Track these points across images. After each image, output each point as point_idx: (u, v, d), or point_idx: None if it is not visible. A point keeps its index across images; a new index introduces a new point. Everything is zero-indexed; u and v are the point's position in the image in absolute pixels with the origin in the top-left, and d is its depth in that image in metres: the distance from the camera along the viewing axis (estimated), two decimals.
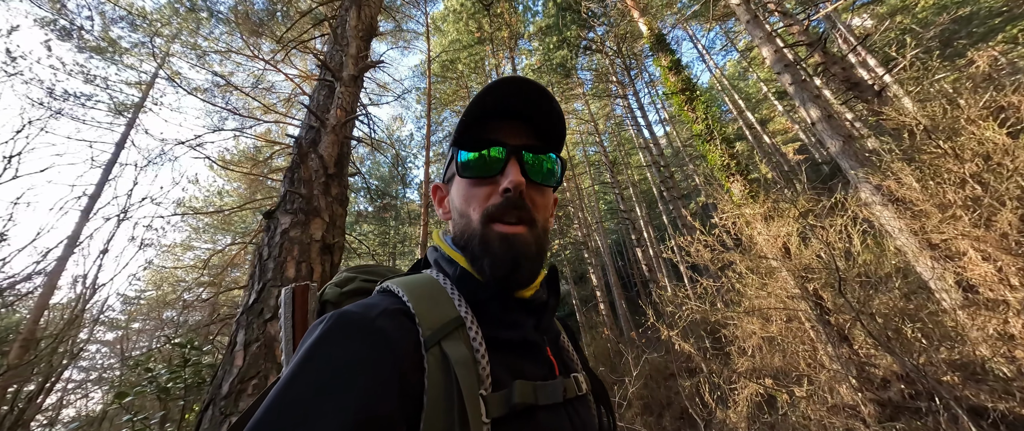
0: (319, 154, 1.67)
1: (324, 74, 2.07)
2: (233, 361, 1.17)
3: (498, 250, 0.43)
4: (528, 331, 0.45)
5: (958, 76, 4.88)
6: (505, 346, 0.42)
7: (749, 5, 6.35)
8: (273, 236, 1.47)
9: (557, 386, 0.42)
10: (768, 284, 4.03)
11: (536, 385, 0.40)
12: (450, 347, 0.37)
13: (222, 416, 1.07)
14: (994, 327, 3.15)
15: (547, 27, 11.72)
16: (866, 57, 10.58)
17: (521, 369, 0.41)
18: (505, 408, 0.36)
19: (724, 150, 4.61)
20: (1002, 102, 3.47)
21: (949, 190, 3.56)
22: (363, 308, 0.38)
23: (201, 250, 15.54)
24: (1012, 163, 3.27)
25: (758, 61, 14.83)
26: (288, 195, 1.55)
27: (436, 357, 0.36)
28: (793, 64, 5.76)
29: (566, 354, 0.52)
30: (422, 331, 0.37)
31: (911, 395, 2.66)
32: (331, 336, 0.34)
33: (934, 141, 3.72)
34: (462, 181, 0.48)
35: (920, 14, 12.94)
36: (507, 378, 0.39)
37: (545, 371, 0.45)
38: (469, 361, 0.36)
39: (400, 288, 0.42)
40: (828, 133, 4.99)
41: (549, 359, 0.46)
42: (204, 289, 10.84)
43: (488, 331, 0.41)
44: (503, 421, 0.36)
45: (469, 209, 0.47)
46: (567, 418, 0.42)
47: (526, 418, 0.38)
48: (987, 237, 3.29)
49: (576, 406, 0.45)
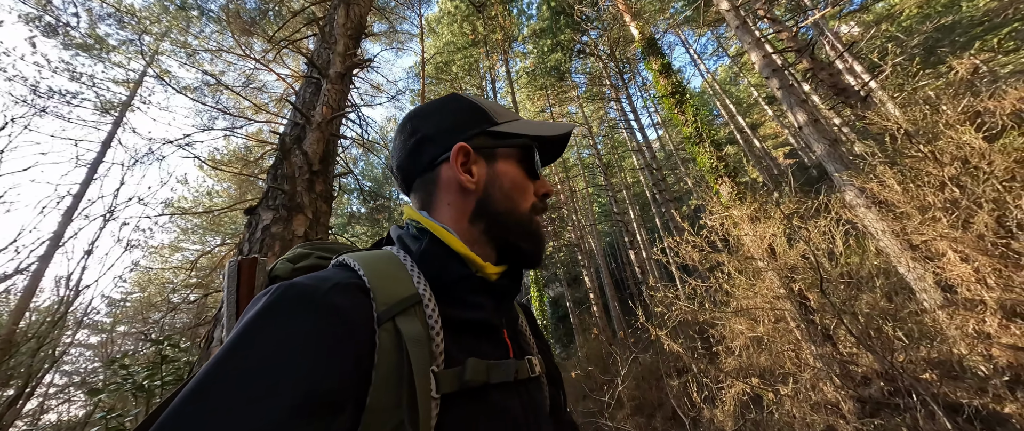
0: (303, 151, 1.67)
1: (311, 72, 2.07)
2: (210, 356, 1.15)
3: (539, 239, 0.52)
4: (488, 312, 0.46)
5: (940, 82, 5.01)
6: (462, 326, 0.42)
7: (738, 11, 6.46)
8: (254, 232, 1.46)
9: (510, 366, 0.43)
10: (755, 285, 4.09)
11: (489, 364, 0.40)
12: (404, 323, 0.36)
13: None
14: (972, 326, 3.23)
15: (541, 30, 11.80)
16: (853, 63, 10.80)
17: (476, 349, 0.42)
18: (457, 384, 0.37)
19: (713, 153, 4.68)
20: (979, 107, 3.57)
21: (929, 193, 3.65)
22: (314, 280, 0.36)
23: (190, 251, 15.29)
24: (988, 167, 3.37)
25: (748, 66, 15.07)
26: (271, 191, 1.54)
27: (389, 333, 0.35)
28: (781, 69, 5.87)
29: (522, 337, 0.53)
30: (376, 306, 0.36)
31: (890, 392, 2.71)
32: (276, 308, 0.33)
33: (915, 145, 3.81)
34: (518, 169, 0.54)
35: (905, 22, 13.25)
36: (461, 357, 0.39)
37: (500, 352, 0.45)
38: (423, 338, 0.36)
39: (357, 262, 0.41)
40: (814, 137, 5.08)
41: (505, 341, 0.47)
42: (192, 291, 10.65)
43: (446, 310, 0.41)
44: (454, 398, 0.36)
45: (519, 195, 0.52)
46: (518, 398, 0.43)
47: (477, 396, 0.39)
48: (965, 238, 3.37)
49: (528, 387, 0.46)
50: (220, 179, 15.03)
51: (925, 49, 11.82)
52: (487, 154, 0.52)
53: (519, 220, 0.50)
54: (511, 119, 0.55)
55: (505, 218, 0.50)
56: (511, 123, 0.54)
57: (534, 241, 0.51)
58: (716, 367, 4.01)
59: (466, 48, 12.61)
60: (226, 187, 16.20)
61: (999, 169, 3.31)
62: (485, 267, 0.47)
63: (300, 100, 1.98)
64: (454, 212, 0.50)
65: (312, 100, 1.99)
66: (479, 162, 0.51)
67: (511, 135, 0.53)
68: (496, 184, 0.51)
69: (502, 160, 0.52)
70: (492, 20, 11.39)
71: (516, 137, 0.53)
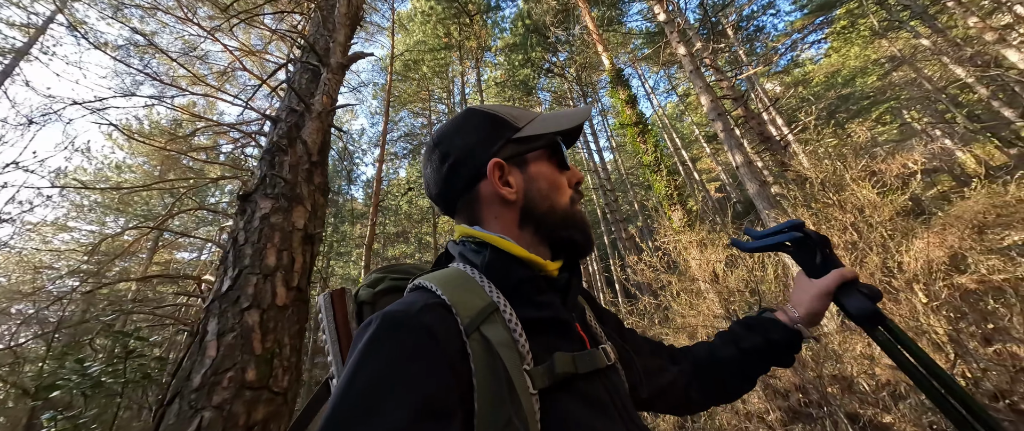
0: (304, 140, 1.56)
1: (307, 57, 1.94)
2: (205, 352, 1.03)
3: (585, 226, 0.55)
4: (558, 309, 0.48)
5: (840, 142, 6.03)
6: (538, 326, 0.44)
7: (693, 57, 7.23)
8: (251, 221, 1.32)
9: (594, 355, 0.46)
10: (697, 304, 4.53)
11: (574, 355, 0.43)
12: (489, 331, 0.40)
13: (192, 410, 0.93)
14: (860, 348, 3.90)
15: (514, 45, 12.11)
16: (776, 117, 12.52)
17: (556, 345, 0.44)
18: (549, 379, 0.39)
19: (669, 181, 5.14)
20: (874, 167, 4.39)
21: (835, 234, 4.36)
22: (404, 306, 0.40)
23: (82, 233, 12.94)
24: (877, 217, 4.12)
25: (693, 106, 16.71)
26: (268, 178, 1.41)
27: (478, 342, 0.39)
28: (725, 114, 6.65)
29: (592, 329, 0.57)
30: (461, 320, 0.40)
31: (805, 403, 3.17)
32: (381, 336, 0.37)
33: (826, 193, 4.55)
34: (551, 167, 0.56)
35: (815, 88, 15.70)
36: (544, 354, 0.42)
37: (578, 346, 0.48)
38: (509, 342, 0.40)
39: (432, 283, 0.44)
40: (748, 177, 5.81)
41: (580, 335, 0.50)
42: (81, 279, 9.08)
43: (521, 313, 0.43)
44: (547, 393, 0.39)
45: (556, 193, 0.54)
46: (602, 386, 0.45)
47: (567, 388, 0.41)
48: (860, 275, 4.07)
49: (608, 374, 0.48)
50: (135, 152, 13.06)
51: (829, 112, 14.10)
52: (519, 162, 0.54)
53: (563, 215, 0.53)
54: (530, 119, 0.57)
55: (550, 217, 0.52)
56: (531, 124, 0.56)
57: (581, 229, 0.54)
58: None
59: (438, 50, 12.48)
60: (140, 162, 14.08)
61: (886, 219, 4.06)
62: (546, 265, 0.50)
63: (297, 85, 1.85)
64: (503, 223, 0.52)
65: (309, 87, 1.86)
66: (514, 171, 0.53)
67: (536, 136, 0.55)
68: (534, 188, 0.53)
69: (533, 163, 0.54)
70: (468, 27, 11.45)
71: (541, 137, 0.55)
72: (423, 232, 16.04)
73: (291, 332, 1.20)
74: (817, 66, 15.75)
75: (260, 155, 1.56)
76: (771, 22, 32.20)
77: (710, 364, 0.65)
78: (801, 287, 0.66)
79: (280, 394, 1.10)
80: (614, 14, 12.15)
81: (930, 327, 3.28)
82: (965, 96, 11.51)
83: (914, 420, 2.68)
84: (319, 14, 2.12)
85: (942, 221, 4.30)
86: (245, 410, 0.99)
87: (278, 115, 1.66)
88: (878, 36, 12.49)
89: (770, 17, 18.90)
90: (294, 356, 1.20)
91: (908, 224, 4.00)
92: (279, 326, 1.19)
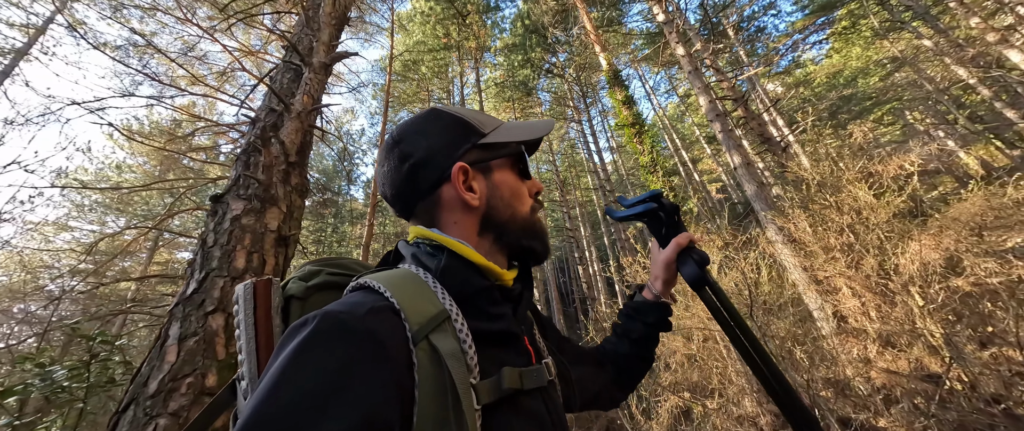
0: (281, 140, 1.54)
1: (290, 56, 1.93)
2: (164, 356, 1.01)
3: (543, 235, 0.55)
4: (509, 322, 0.47)
5: (841, 143, 5.98)
6: (488, 338, 0.43)
7: (692, 58, 7.19)
8: (221, 222, 1.31)
9: (539, 372, 0.45)
10: (691, 306, 4.50)
11: (521, 371, 0.42)
12: (438, 340, 0.37)
13: (147, 417, 0.90)
14: (856, 351, 3.86)
15: (513, 45, 12.10)
16: (776, 117, 12.46)
17: (504, 359, 0.43)
18: (495, 394, 0.38)
19: (665, 182, 5.11)
20: (871, 169, 4.35)
21: (832, 236, 4.32)
22: (347, 306, 0.37)
23: (82, 232, 13.01)
24: (874, 219, 4.08)
25: (694, 107, 16.67)
26: (242, 179, 1.40)
27: (425, 351, 0.36)
28: (724, 114, 6.60)
29: (538, 343, 0.55)
30: (409, 326, 0.37)
31: None
32: (319, 339, 0.33)
33: (823, 194, 4.51)
34: (513, 175, 0.56)
35: (817, 88, 15.63)
36: (492, 368, 0.40)
37: (524, 360, 0.47)
38: (458, 353, 0.38)
39: (381, 283, 0.41)
40: (746, 178, 5.77)
41: (527, 348, 0.49)
42: (80, 279, 9.13)
43: (473, 323, 0.42)
44: (491, 408, 0.38)
45: (517, 202, 0.54)
46: (542, 402, 0.45)
47: (510, 403, 0.40)
48: (856, 277, 4.03)
49: (548, 390, 0.47)
50: (135, 152, 13.12)
51: (830, 112, 14.04)
52: (483, 168, 0.53)
53: (523, 224, 0.53)
54: (495, 126, 0.56)
55: (511, 225, 0.52)
56: (497, 131, 0.55)
57: (540, 239, 0.54)
58: (654, 380, 4.31)
59: (438, 50, 12.48)
60: (141, 162, 14.15)
61: (882, 221, 4.02)
62: (503, 275, 0.49)
63: (277, 84, 1.84)
64: (462, 229, 0.50)
65: (291, 86, 1.85)
66: (478, 177, 0.52)
67: (502, 144, 0.54)
68: (497, 195, 0.52)
69: (498, 170, 0.54)
70: (467, 28, 11.45)
71: (507, 145, 0.55)
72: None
73: None
74: (819, 67, 15.68)
75: (236, 156, 1.54)
76: (772, 22, 31.98)
77: (618, 360, 0.72)
78: (655, 259, 0.72)
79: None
80: (614, 15, 12.12)
81: (927, 330, 3.24)
82: (967, 97, 11.42)
83: (907, 425, 2.64)
84: (304, 13, 2.10)
85: (939, 223, 4.25)
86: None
87: (257, 115, 1.65)
88: (880, 36, 12.41)
89: (771, 17, 18.82)
90: None
91: (905, 226, 3.95)
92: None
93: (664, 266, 0.69)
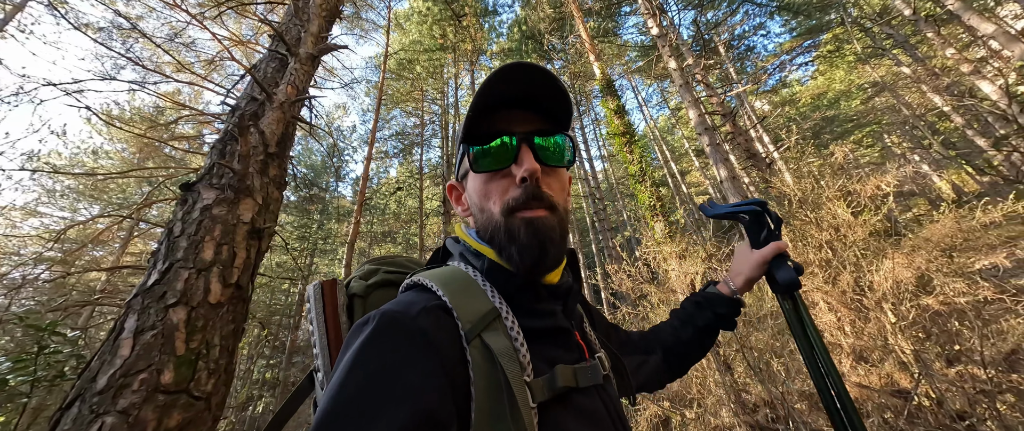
0: (260, 129, 1.49)
1: (276, 45, 1.88)
2: (116, 350, 0.94)
3: (524, 237, 0.43)
4: (558, 318, 0.46)
5: (823, 162, 6.16)
6: (538, 335, 0.42)
7: (684, 72, 7.34)
8: (190, 212, 1.24)
9: (594, 369, 0.44)
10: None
11: (575, 368, 0.42)
12: (490, 338, 0.38)
13: (93, 414, 0.84)
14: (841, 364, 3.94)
15: (509, 49, 12.16)
16: (762, 134, 12.79)
17: (556, 355, 0.43)
18: (549, 392, 0.38)
19: (653, 192, 5.18)
20: (850, 188, 4.48)
21: (811, 251, 4.43)
22: (403, 306, 0.38)
23: (52, 219, 12.48)
24: (852, 236, 4.20)
25: (684, 121, 17.00)
26: (216, 168, 1.34)
27: (478, 349, 0.37)
28: (712, 129, 6.74)
29: (589, 337, 0.53)
30: (462, 325, 0.38)
31: (773, 419, 3.18)
32: (378, 337, 0.35)
33: (804, 210, 4.62)
34: (477, 176, 0.48)
35: (801, 108, 16.13)
36: (544, 365, 0.40)
37: (576, 355, 0.46)
38: (510, 351, 0.38)
39: (433, 282, 0.42)
40: (732, 191, 5.88)
41: (578, 343, 0.48)
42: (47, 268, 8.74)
43: (522, 321, 0.42)
44: (546, 405, 0.38)
45: (488, 203, 0.47)
46: (599, 399, 0.43)
47: (564, 401, 0.39)
48: (833, 292, 4.13)
49: (605, 387, 0.46)
50: (113, 138, 12.67)
51: (814, 132, 14.48)
52: (463, 175, 0.52)
53: (496, 227, 0.46)
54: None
55: (491, 233, 0.47)
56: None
57: (516, 240, 0.43)
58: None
59: (433, 51, 12.46)
60: (119, 148, 13.68)
61: (859, 239, 4.14)
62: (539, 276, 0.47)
63: (261, 73, 1.78)
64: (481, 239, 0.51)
65: (275, 76, 1.80)
66: (463, 186, 0.54)
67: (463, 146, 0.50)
68: (473, 203, 0.51)
69: (470, 176, 0.50)
70: (464, 30, 11.47)
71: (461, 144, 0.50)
72: (411, 233, 15.88)
73: (224, 332, 1.12)
74: (804, 88, 16.20)
75: (212, 144, 1.48)
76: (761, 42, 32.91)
77: (676, 346, 0.72)
78: (742, 256, 0.73)
79: (202, 399, 1.01)
80: (610, 25, 12.31)
81: (898, 347, 3.33)
82: (942, 124, 11.93)
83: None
84: (293, 3, 2.06)
85: (912, 243, 4.40)
86: (155, 416, 0.90)
87: (237, 103, 1.59)
88: (862, 61, 12.89)
89: (761, 37, 19.38)
90: (224, 358, 1.11)
91: (880, 244, 4.07)
92: (209, 325, 1.10)
93: (756, 264, 0.69)
